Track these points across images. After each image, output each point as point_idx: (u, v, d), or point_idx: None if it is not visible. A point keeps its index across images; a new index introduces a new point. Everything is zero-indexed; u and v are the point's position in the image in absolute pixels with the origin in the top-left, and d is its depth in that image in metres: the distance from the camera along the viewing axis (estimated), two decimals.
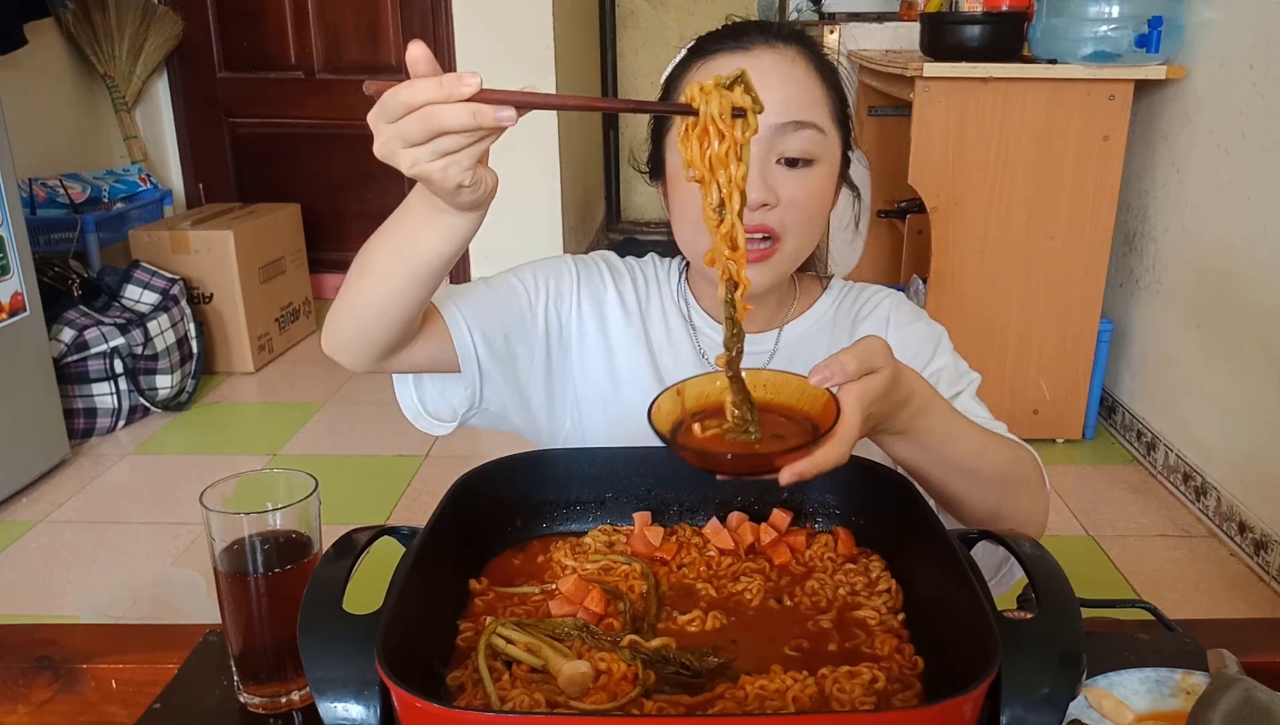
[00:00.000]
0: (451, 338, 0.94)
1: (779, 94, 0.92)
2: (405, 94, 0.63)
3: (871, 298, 1.11)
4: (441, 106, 0.63)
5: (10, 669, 0.81)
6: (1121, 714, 0.67)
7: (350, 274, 0.87)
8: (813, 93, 0.95)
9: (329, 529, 0.72)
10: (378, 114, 0.65)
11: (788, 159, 0.93)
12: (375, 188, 4.31)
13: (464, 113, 0.63)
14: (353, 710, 0.56)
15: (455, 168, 0.66)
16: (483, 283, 1.02)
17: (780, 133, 0.92)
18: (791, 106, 0.93)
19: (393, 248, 0.82)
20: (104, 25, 3.74)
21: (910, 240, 3.42)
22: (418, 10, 4.04)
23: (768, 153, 0.93)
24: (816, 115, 0.94)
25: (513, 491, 0.81)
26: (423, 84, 0.63)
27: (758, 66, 0.93)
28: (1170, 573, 2.31)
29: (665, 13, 5.41)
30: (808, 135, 0.93)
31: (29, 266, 2.61)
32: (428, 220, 0.77)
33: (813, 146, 0.94)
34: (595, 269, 1.10)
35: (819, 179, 0.95)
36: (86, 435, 2.97)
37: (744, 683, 0.62)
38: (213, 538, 0.73)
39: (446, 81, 0.62)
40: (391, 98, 0.64)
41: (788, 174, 0.94)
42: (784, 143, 0.93)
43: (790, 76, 0.94)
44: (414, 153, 0.65)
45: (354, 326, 0.88)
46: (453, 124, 0.63)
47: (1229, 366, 2.45)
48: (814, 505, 0.82)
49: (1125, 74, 2.58)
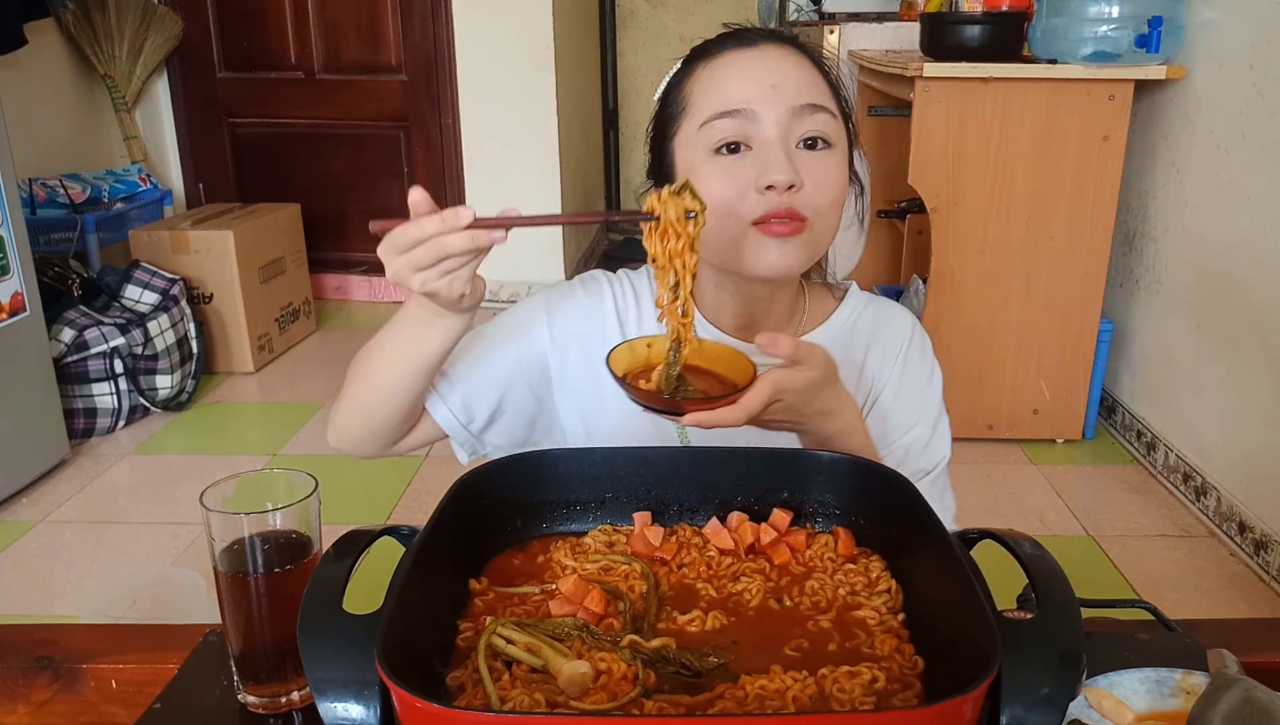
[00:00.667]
0: (441, 428, 1.03)
1: (794, 78, 0.94)
2: (414, 231, 0.77)
3: (895, 316, 1.11)
4: (446, 237, 0.77)
5: (10, 669, 0.81)
6: (1121, 714, 0.67)
7: (352, 378, 0.99)
8: (817, 83, 0.97)
9: (329, 529, 0.72)
10: (388, 247, 0.79)
11: (807, 140, 0.94)
12: (375, 188, 4.31)
13: (464, 239, 0.77)
14: (353, 710, 0.56)
15: (458, 282, 0.80)
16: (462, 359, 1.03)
17: (799, 115, 0.93)
18: (805, 90, 0.94)
19: (398, 353, 0.93)
20: (104, 25, 3.74)
21: (910, 240, 3.42)
22: (418, 10, 4.04)
23: (788, 136, 0.93)
24: (827, 100, 0.96)
25: (513, 491, 0.81)
26: (428, 221, 0.77)
27: (766, 60, 0.95)
28: (1170, 573, 2.31)
29: (665, 13, 5.41)
30: (824, 118, 0.95)
31: (29, 266, 2.61)
32: (430, 324, 0.88)
33: (829, 130, 0.95)
34: (570, 300, 1.09)
35: (838, 162, 0.96)
36: (86, 435, 2.97)
37: (744, 683, 0.62)
38: (213, 538, 0.73)
39: (447, 216, 0.77)
40: (402, 235, 0.78)
41: (810, 156, 0.94)
42: (803, 125, 0.94)
43: (799, 66, 0.96)
44: (423, 275, 0.79)
45: (362, 427, 1.00)
46: (455, 250, 0.77)
47: (1229, 366, 2.45)
48: (814, 505, 0.82)
49: (1125, 74, 2.58)
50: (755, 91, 0.93)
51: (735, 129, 0.93)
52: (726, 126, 0.94)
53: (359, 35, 4.14)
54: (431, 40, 4.07)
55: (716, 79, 0.96)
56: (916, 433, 1.06)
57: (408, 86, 4.16)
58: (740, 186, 0.92)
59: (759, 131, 0.93)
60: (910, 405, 1.07)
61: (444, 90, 4.12)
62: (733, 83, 0.95)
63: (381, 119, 4.22)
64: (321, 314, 4.17)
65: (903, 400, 1.07)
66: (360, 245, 4.36)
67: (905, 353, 1.08)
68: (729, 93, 0.94)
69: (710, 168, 0.94)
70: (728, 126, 0.93)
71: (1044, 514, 2.56)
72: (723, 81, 0.96)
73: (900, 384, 1.07)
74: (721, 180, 0.93)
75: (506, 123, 4.10)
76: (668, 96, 1.02)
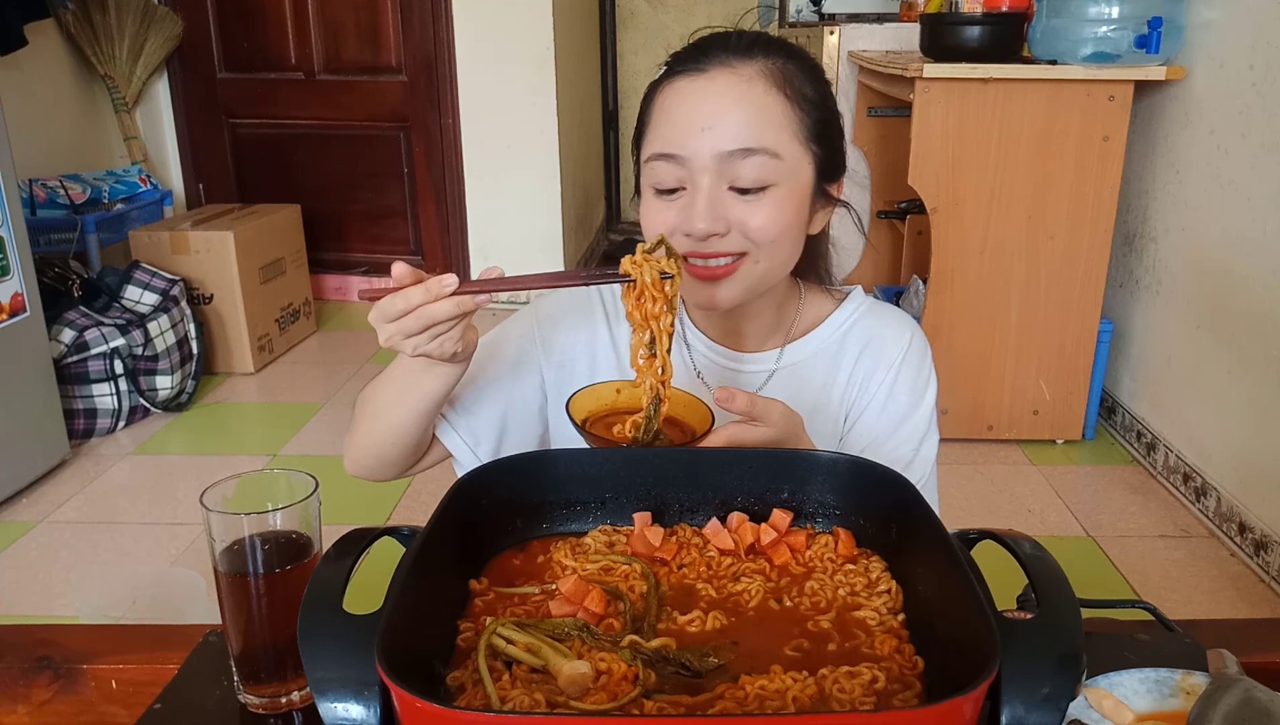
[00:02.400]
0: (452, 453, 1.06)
1: (728, 120, 0.91)
2: (401, 303, 0.80)
3: (893, 327, 1.08)
4: (432, 305, 0.80)
5: (10, 669, 0.81)
6: (1121, 714, 0.67)
7: (360, 415, 1.02)
8: (768, 113, 0.92)
9: (329, 529, 0.72)
10: (377, 316, 0.82)
11: (739, 187, 0.92)
12: (375, 188, 4.31)
13: (450, 306, 0.81)
14: (353, 710, 0.56)
15: (449, 343, 0.85)
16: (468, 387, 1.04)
17: (729, 161, 0.91)
18: (741, 132, 0.91)
19: (399, 398, 0.95)
20: (104, 25, 3.74)
21: (910, 241, 3.43)
22: (418, 10, 4.04)
23: (718, 181, 0.92)
24: (770, 138, 0.92)
25: (513, 491, 0.81)
26: (414, 291, 0.80)
27: (711, 90, 0.92)
28: (1170, 573, 2.31)
29: (665, 13, 5.41)
30: (758, 161, 0.91)
31: (29, 267, 2.61)
32: (425, 372, 0.91)
33: (766, 173, 0.92)
34: (559, 315, 1.09)
35: (776, 203, 0.93)
36: (87, 436, 2.97)
37: (744, 683, 0.62)
38: (213, 538, 0.73)
39: (431, 286, 0.80)
40: (389, 305, 0.81)
41: (739, 201, 0.93)
42: (734, 170, 0.91)
43: (744, 99, 0.92)
44: (414, 341, 0.83)
45: (374, 457, 1.03)
46: (442, 316, 0.81)
47: (1229, 367, 2.45)
48: (814, 506, 0.81)
49: (1125, 74, 2.58)
50: (687, 135, 0.92)
51: (670, 172, 0.93)
52: (662, 170, 0.94)
53: (359, 35, 4.14)
54: (431, 40, 4.07)
55: (664, 111, 0.95)
56: (899, 453, 1.06)
57: (408, 86, 4.16)
58: (672, 226, 0.93)
59: (690, 176, 0.92)
60: (891, 424, 1.06)
61: (444, 90, 4.12)
62: (672, 121, 0.93)
63: (381, 119, 4.22)
64: (321, 314, 4.17)
65: (887, 416, 1.06)
66: (360, 246, 4.36)
67: (898, 368, 1.06)
68: (667, 133, 0.93)
69: (652, 204, 0.96)
70: (663, 170, 0.93)
71: (1044, 514, 2.56)
72: (665, 118, 0.94)
73: (885, 403, 1.06)
74: (659, 218, 0.95)
75: (506, 123, 4.10)
76: (640, 111, 1.01)
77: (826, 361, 1.07)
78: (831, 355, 1.07)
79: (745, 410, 0.86)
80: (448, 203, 4.26)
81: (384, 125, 4.23)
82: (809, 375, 1.06)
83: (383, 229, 4.34)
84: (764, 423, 0.86)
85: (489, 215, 4.24)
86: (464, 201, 4.24)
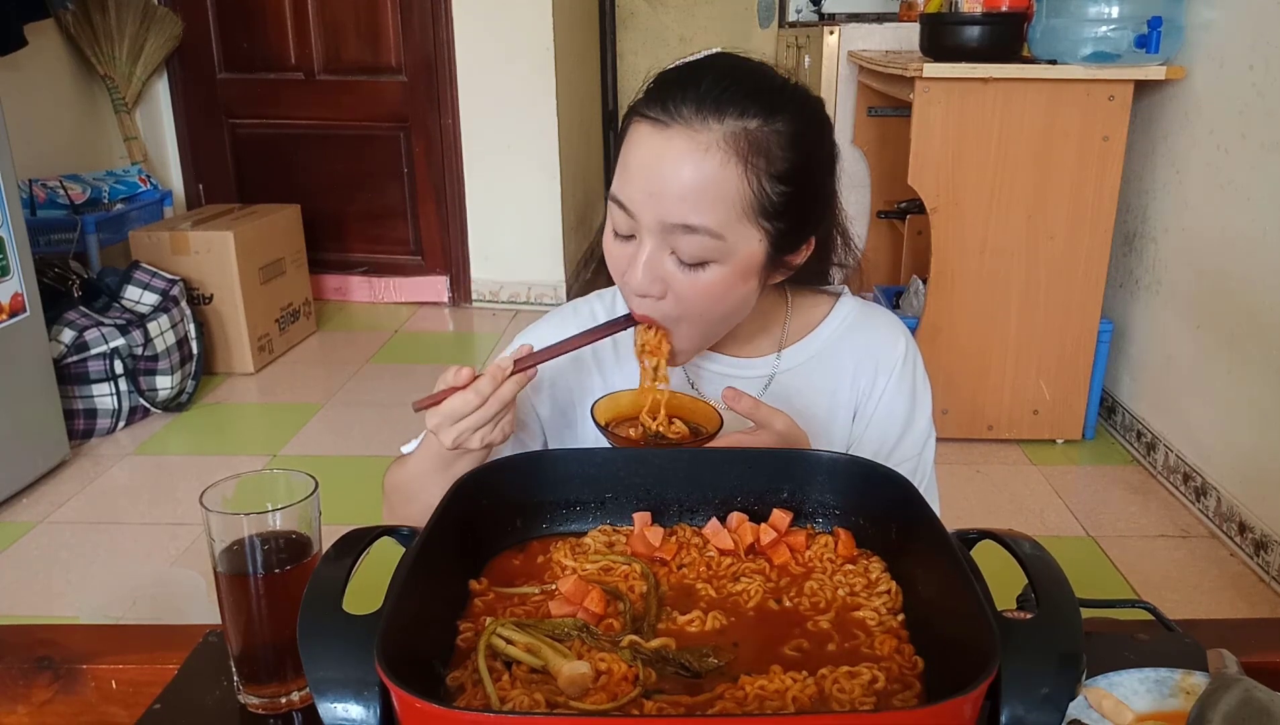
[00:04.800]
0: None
1: (673, 188, 0.86)
2: (474, 397, 0.87)
3: (885, 335, 1.08)
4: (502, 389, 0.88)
5: (10, 669, 0.81)
6: (1121, 714, 0.67)
7: (393, 502, 1.06)
8: (719, 190, 0.86)
9: (329, 529, 0.72)
10: (443, 420, 0.88)
11: (679, 257, 0.89)
12: (375, 188, 4.31)
13: (513, 386, 0.89)
14: (353, 710, 0.56)
15: (507, 426, 0.91)
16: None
17: (670, 231, 0.88)
18: (683, 208, 0.86)
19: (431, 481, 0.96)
20: (104, 26, 3.74)
21: (910, 241, 3.43)
22: (418, 10, 4.04)
23: (661, 246, 0.89)
24: (713, 217, 0.86)
25: (513, 491, 0.81)
26: (483, 383, 0.87)
27: (667, 152, 0.86)
28: (1170, 573, 2.31)
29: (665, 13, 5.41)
30: (698, 240, 0.87)
31: (29, 267, 2.61)
32: (459, 458, 0.93)
33: (705, 251, 0.88)
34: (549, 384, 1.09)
35: (712, 280, 0.89)
36: (87, 436, 2.97)
37: (744, 683, 0.62)
38: (213, 538, 0.73)
39: (495, 373, 0.88)
40: (462, 404, 0.87)
41: (679, 271, 0.90)
42: (674, 241, 0.88)
43: (695, 171, 0.85)
44: (481, 433, 0.89)
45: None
46: (510, 396, 0.89)
47: (1229, 366, 2.45)
48: (814, 505, 0.81)
49: (1125, 74, 2.58)
50: (637, 192, 0.88)
51: (624, 221, 0.91)
52: (618, 215, 0.91)
53: (359, 36, 4.14)
54: (431, 40, 4.07)
55: (626, 153, 0.90)
56: (905, 461, 1.07)
57: (408, 87, 4.16)
58: (621, 265, 0.93)
59: (638, 230, 0.90)
60: (896, 432, 1.06)
61: (444, 90, 4.12)
62: (628, 170, 0.89)
63: (381, 119, 4.22)
64: (322, 315, 4.17)
65: (893, 424, 1.07)
66: (360, 246, 4.36)
67: (898, 375, 1.06)
68: (623, 181, 0.90)
69: (609, 240, 0.95)
70: (618, 216, 0.91)
71: (1044, 514, 2.56)
72: (624, 162, 0.90)
73: (891, 410, 1.06)
74: (614, 256, 0.94)
75: (506, 123, 4.10)
76: (627, 119, 0.95)
77: (826, 365, 1.06)
78: (830, 359, 1.06)
79: (749, 412, 0.87)
80: (448, 203, 4.26)
81: (384, 125, 4.23)
82: (809, 380, 1.06)
83: (383, 229, 4.34)
84: (766, 429, 0.88)
85: (489, 215, 4.24)
86: (464, 201, 4.24)
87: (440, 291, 4.35)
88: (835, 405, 1.07)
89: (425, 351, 3.88)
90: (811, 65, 3.78)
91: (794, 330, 1.07)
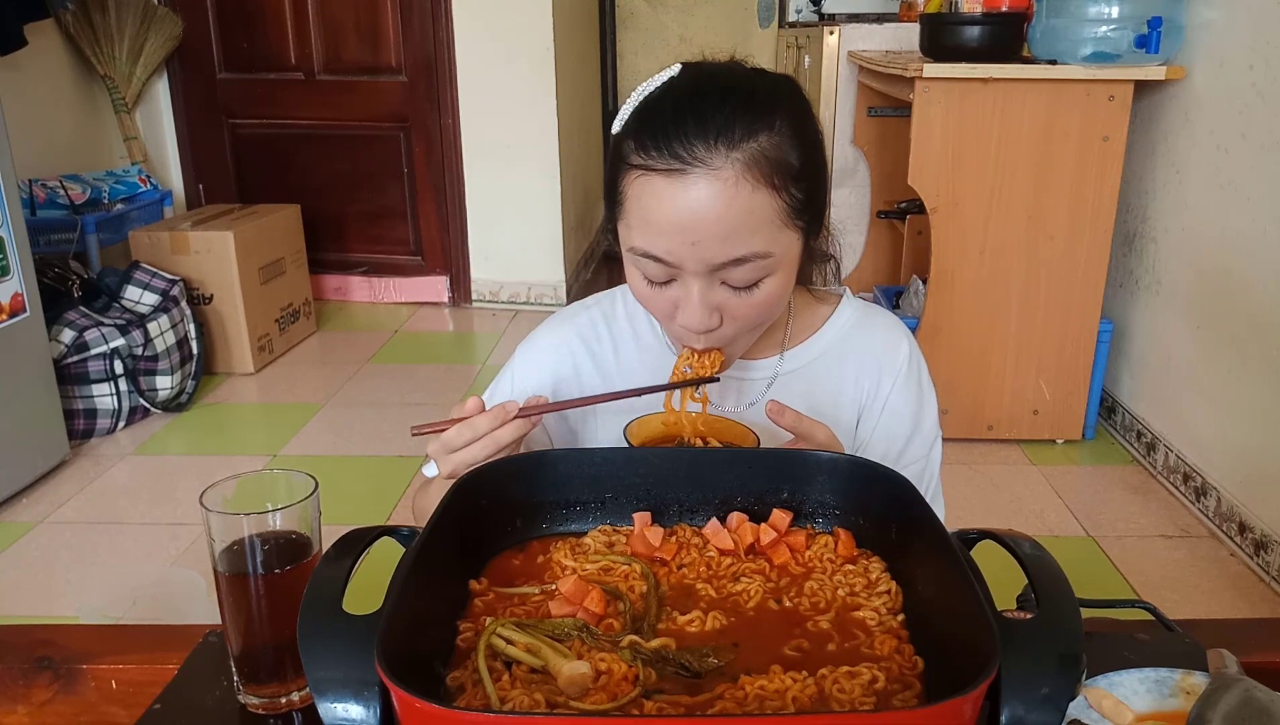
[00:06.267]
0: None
1: (714, 231, 0.84)
2: (469, 432, 0.87)
3: (892, 329, 1.08)
4: (499, 431, 0.87)
5: (10, 669, 0.81)
6: (1121, 714, 0.67)
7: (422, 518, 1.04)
8: (758, 216, 0.85)
9: (329, 529, 0.72)
10: (439, 448, 0.88)
11: (731, 285, 0.89)
12: (375, 188, 4.31)
13: (514, 429, 0.87)
14: (353, 710, 0.56)
15: (512, 449, 0.89)
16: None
17: (719, 268, 0.87)
18: (729, 246, 0.85)
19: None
20: (104, 26, 3.74)
21: (910, 241, 3.43)
22: (418, 10, 4.04)
23: (710, 282, 0.88)
24: (760, 240, 0.86)
25: (513, 491, 0.81)
26: (480, 420, 0.87)
27: (694, 200, 0.84)
28: (1170, 573, 2.31)
29: (665, 13, 5.41)
30: (750, 266, 0.87)
31: (29, 267, 2.61)
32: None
33: (757, 272, 0.88)
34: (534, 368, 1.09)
35: (770, 289, 0.90)
36: (87, 436, 2.97)
37: (744, 683, 0.62)
38: (213, 538, 0.73)
39: (498, 413, 0.87)
40: (457, 437, 0.87)
41: (733, 296, 0.89)
42: (725, 274, 0.87)
43: (730, 207, 0.84)
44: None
45: None
46: (507, 440, 0.87)
47: (1229, 366, 2.45)
48: (814, 506, 0.81)
49: (1125, 74, 2.58)
50: (674, 244, 0.86)
51: (660, 270, 0.89)
52: (650, 267, 0.89)
53: (359, 36, 4.14)
54: (431, 40, 4.07)
55: (644, 208, 0.87)
56: (914, 466, 1.07)
57: (408, 87, 4.16)
58: (667, 309, 0.92)
59: (680, 275, 0.89)
60: (904, 436, 1.07)
61: (444, 90, 4.12)
62: (654, 225, 0.86)
63: (381, 119, 4.22)
64: (322, 315, 4.17)
65: (900, 428, 1.07)
66: (360, 246, 4.36)
67: (904, 378, 1.06)
68: (650, 236, 0.87)
69: (642, 286, 0.93)
70: (651, 267, 0.89)
71: (1044, 514, 2.56)
72: (645, 218, 0.87)
73: (898, 413, 1.06)
74: (654, 304, 0.93)
75: (506, 123, 4.11)
76: (611, 175, 0.92)
77: (828, 367, 1.07)
78: (834, 360, 1.07)
79: (792, 426, 0.87)
80: (448, 203, 4.26)
81: (384, 125, 4.23)
82: (814, 381, 1.06)
83: (383, 229, 4.34)
84: (807, 441, 0.88)
85: (489, 215, 4.24)
86: (464, 201, 4.24)
87: (440, 291, 4.36)
88: (839, 406, 1.07)
89: (425, 352, 3.88)
90: (811, 65, 3.78)
91: (796, 332, 1.07)
